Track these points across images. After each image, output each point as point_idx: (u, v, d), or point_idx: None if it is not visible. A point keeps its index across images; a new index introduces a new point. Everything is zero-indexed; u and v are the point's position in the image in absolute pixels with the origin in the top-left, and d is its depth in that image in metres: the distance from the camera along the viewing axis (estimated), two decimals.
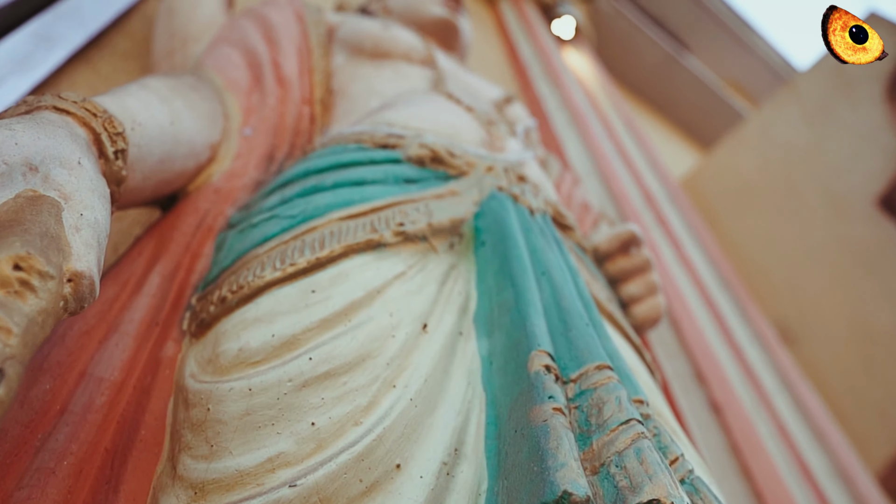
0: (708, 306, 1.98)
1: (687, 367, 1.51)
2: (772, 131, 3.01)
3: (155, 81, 0.80)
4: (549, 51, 3.00)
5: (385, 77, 1.11)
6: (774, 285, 2.87)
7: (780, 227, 2.87)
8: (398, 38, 1.18)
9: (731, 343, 1.88)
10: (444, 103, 1.02)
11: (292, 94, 1.03)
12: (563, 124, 2.51)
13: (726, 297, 2.20)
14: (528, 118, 1.33)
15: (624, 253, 1.00)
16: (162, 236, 0.76)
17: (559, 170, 1.45)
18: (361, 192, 0.74)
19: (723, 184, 3.24)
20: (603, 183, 2.26)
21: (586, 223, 1.37)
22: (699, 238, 2.41)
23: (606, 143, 2.58)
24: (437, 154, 0.84)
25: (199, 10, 1.16)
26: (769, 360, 2.00)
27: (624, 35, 4.16)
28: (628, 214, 2.11)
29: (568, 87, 2.77)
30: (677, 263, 2.11)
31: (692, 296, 1.98)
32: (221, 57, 1.03)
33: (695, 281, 2.06)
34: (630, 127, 2.99)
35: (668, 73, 4.43)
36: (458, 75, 1.26)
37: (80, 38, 1.23)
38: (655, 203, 2.34)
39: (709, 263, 2.31)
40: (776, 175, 2.93)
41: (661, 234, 2.20)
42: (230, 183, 0.85)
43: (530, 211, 0.83)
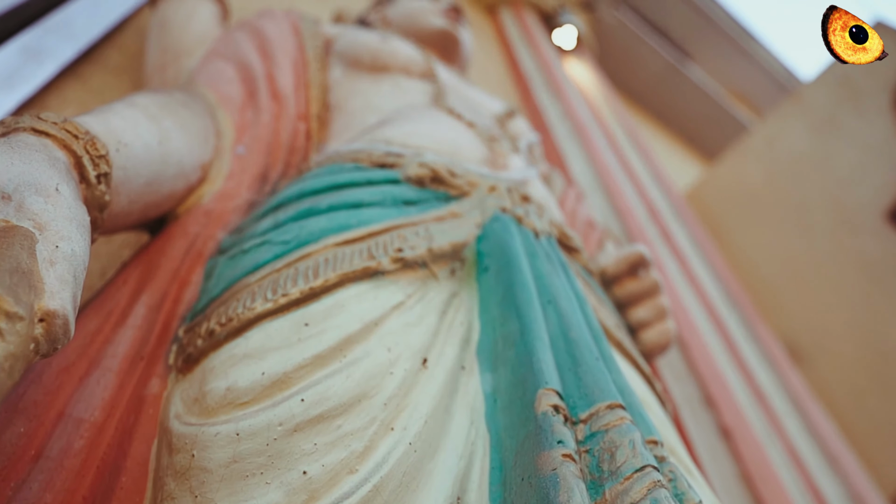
0: (716, 326, 1.95)
1: (695, 390, 1.47)
2: (777, 143, 2.98)
3: (143, 98, 0.77)
4: (550, 61, 2.99)
5: (383, 91, 1.09)
6: (782, 301, 2.83)
7: (787, 241, 2.84)
8: (397, 51, 1.16)
9: (741, 364, 1.85)
10: (444, 119, 0.99)
11: (287, 110, 1.00)
12: (565, 136, 2.49)
13: (734, 316, 2.16)
14: (530, 133, 1.31)
15: (632, 276, 0.97)
16: (149, 263, 0.74)
17: (563, 185, 1.42)
18: (358, 215, 0.72)
19: (728, 197, 3.22)
20: (607, 198, 2.23)
21: (591, 241, 1.34)
22: (705, 254, 2.39)
23: (610, 156, 2.56)
24: (438, 174, 0.81)
25: (192, 23, 1.14)
26: (779, 382, 1.97)
27: (626, 44, 4.15)
28: (633, 230, 2.08)
29: (570, 99, 2.75)
30: (684, 281, 2.08)
31: (699, 315, 1.95)
32: (214, 71, 1.00)
33: (702, 299, 2.03)
34: (633, 139, 2.97)
35: (671, 82, 4.43)
36: (458, 89, 1.24)
37: (71, 52, 1.21)
38: (660, 218, 2.31)
39: (716, 280, 2.29)
40: (782, 187, 2.91)
41: (666, 250, 2.18)
42: (222, 205, 0.82)
43: (535, 233, 0.80)
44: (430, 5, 1.50)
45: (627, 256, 0.96)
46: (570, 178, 2.25)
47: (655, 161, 2.88)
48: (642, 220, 2.25)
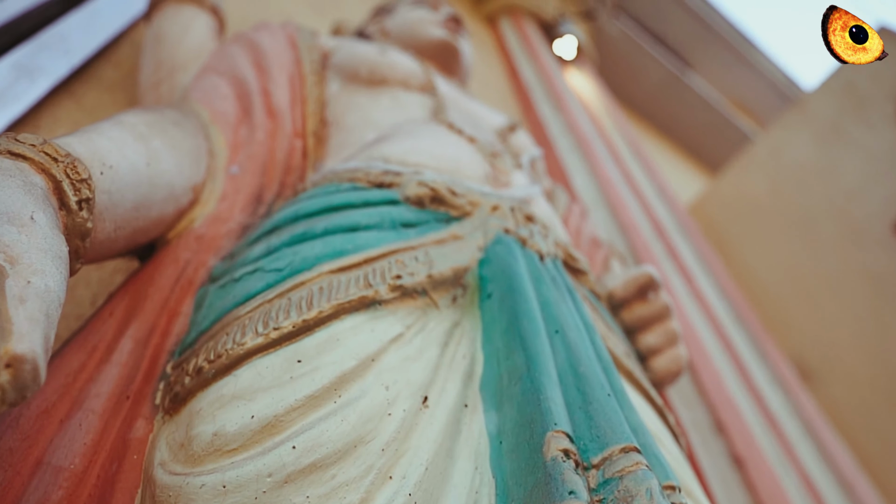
0: (724, 346, 1.91)
1: (706, 416, 1.43)
2: (782, 153, 2.95)
3: (131, 117, 0.74)
4: (551, 72, 2.96)
5: (382, 106, 1.06)
6: (789, 318, 2.79)
7: (794, 254, 2.80)
8: (395, 64, 1.13)
9: (751, 387, 1.80)
10: (444, 134, 0.96)
11: (283, 127, 0.97)
12: (567, 150, 2.46)
13: (743, 336, 2.13)
14: (533, 147, 1.28)
15: (641, 299, 0.93)
16: (137, 293, 0.70)
17: (566, 202, 1.39)
18: (354, 239, 0.68)
19: (732, 209, 3.18)
20: (611, 213, 2.20)
21: (596, 260, 1.31)
22: (712, 271, 2.35)
23: (613, 169, 2.53)
24: (438, 193, 0.78)
25: (187, 38, 1.11)
26: (791, 405, 1.92)
27: (626, 54, 4.14)
28: (638, 247, 2.05)
29: (572, 111, 2.73)
30: (691, 299, 2.04)
31: (707, 335, 1.91)
32: (208, 87, 0.97)
33: (709, 318, 1.99)
34: (636, 151, 2.95)
35: (672, 92, 4.41)
36: (459, 102, 1.21)
37: (64, 69, 1.18)
38: (666, 235, 2.28)
39: (723, 298, 2.25)
40: (788, 199, 2.87)
41: (672, 267, 2.14)
42: (214, 229, 0.79)
43: (540, 256, 0.77)
44: (429, 16, 1.47)
45: (636, 278, 0.93)
46: (573, 192, 2.22)
47: (659, 175, 2.85)
48: (647, 236, 2.21)
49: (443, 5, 1.55)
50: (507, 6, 3.34)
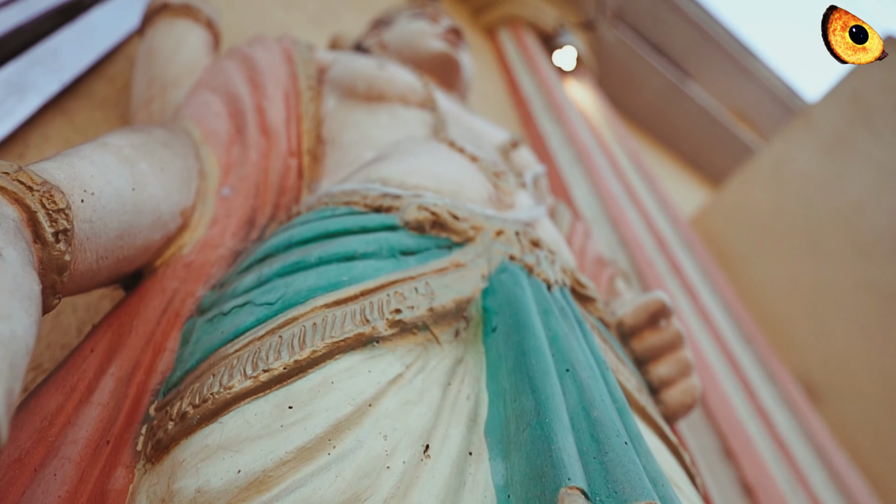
0: (732, 368, 1.87)
1: (714, 442, 1.39)
2: (786, 165, 2.91)
3: (117, 139, 0.70)
4: (551, 83, 2.94)
5: (380, 123, 1.02)
6: (794, 334, 2.74)
7: (800, 269, 2.75)
8: (394, 79, 1.10)
9: (760, 411, 1.76)
10: (445, 153, 0.92)
11: (278, 146, 0.94)
12: (568, 163, 2.43)
13: (749, 356, 2.08)
14: (536, 164, 1.24)
15: (652, 327, 0.89)
16: (120, 326, 0.66)
17: (570, 220, 1.35)
18: (351, 269, 0.64)
19: (735, 222, 3.14)
20: (612, 227, 2.16)
21: (602, 280, 1.27)
22: (717, 288, 2.31)
23: (614, 183, 2.49)
24: (439, 217, 0.74)
25: (180, 53, 1.08)
26: (801, 429, 1.88)
27: (625, 64, 4.11)
28: (641, 263, 2.01)
29: (572, 123, 2.70)
30: (695, 317, 2.00)
31: (714, 356, 1.87)
32: (201, 104, 0.94)
33: (716, 338, 1.95)
34: (637, 163, 2.91)
35: (671, 102, 4.38)
36: (459, 118, 1.17)
37: (56, 85, 1.15)
38: (669, 250, 2.24)
39: (728, 316, 2.21)
40: (793, 212, 2.83)
41: (676, 284, 2.10)
42: (204, 256, 0.75)
43: (547, 285, 0.73)
44: (429, 28, 1.44)
45: (646, 306, 0.89)
46: (574, 206, 2.19)
47: (660, 188, 2.81)
48: (650, 252, 2.18)
49: (442, 17, 1.51)
50: (506, 17, 3.32)
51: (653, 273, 2.05)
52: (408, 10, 1.55)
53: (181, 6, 1.15)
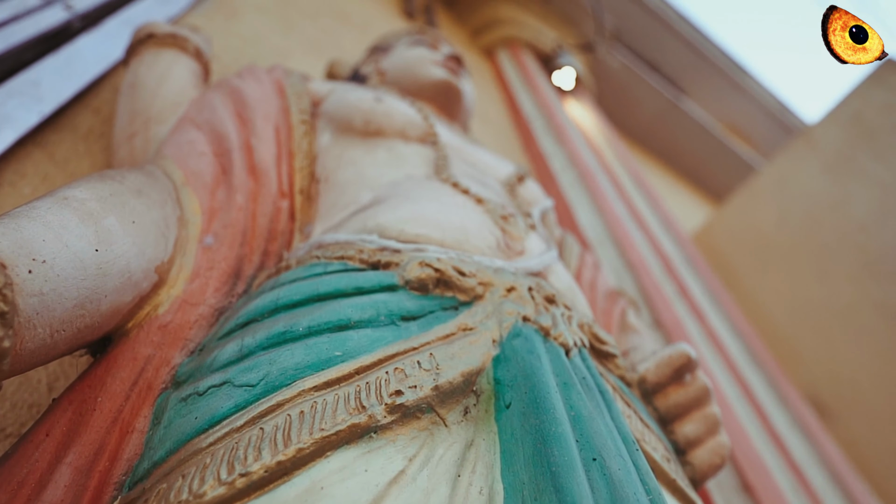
0: (745, 395, 1.77)
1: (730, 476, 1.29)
2: (789, 184, 2.83)
3: (80, 191, 0.61)
4: (551, 104, 2.86)
5: (378, 161, 0.93)
6: (802, 352, 2.65)
7: (805, 287, 2.67)
8: (393, 112, 1.01)
9: (775, 439, 1.66)
10: (448, 196, 0.84)
11: (267, 187, 0.85)
12: (570, 184, 2.35)
13: (761, 381, 1.99)
14: (543, 198, 1.16)
15: (677, 383, 0.80)
16: (83, 403, 0.57)
17: (579, 252, 1.26)
18: (344, 341, 0.55)
19: (738, 239, 3.06)
20: (618, 250, 2.07)
21: (613, 315, 1.18)
22: (725, 309, 2.22)
23: (618, 204, 2.41)
24: (444, 274, 0.65)
25: (165, 85, 0.99)
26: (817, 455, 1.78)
27: (623, 83, 4.04)
28: (648, 287, 1.92)
29: (574, 143, 2.62)
30: (705, 341, 1.91)
31: (727, 383, 1.78)
32: (184, 143, 0.85)
33: (728, 365, 1.86)
34: (639, 183, 2.83)
35: (669, 120, 4.31)
36: (462, 151, 1.09)
37: (35, 117, 1.06)
38: (676, 273, 2.15)
39: (738, 339, 2.11)
40: (797, 231, 2.75)
41: (685, 307, 2.01)
42: (182, 316, 0.66)
43: (565, 349, 0.64)
44: (428, 54, 1.36)
45: (670, 360, 0.79)
46: (578, 230, 2.10)
47: (664, 207, 2.73)
48: (657, 275, 2.08)
49: (442, 43, 1.43)
50: (505, 39, 3.24)
51: (661, 297, 1.96)
52: (406, 37, 1.46)
53: (167, 35, 1.07)
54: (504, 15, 3.23)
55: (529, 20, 3.31)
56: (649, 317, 1.87)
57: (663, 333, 1.83)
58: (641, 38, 4.15)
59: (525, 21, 3.28)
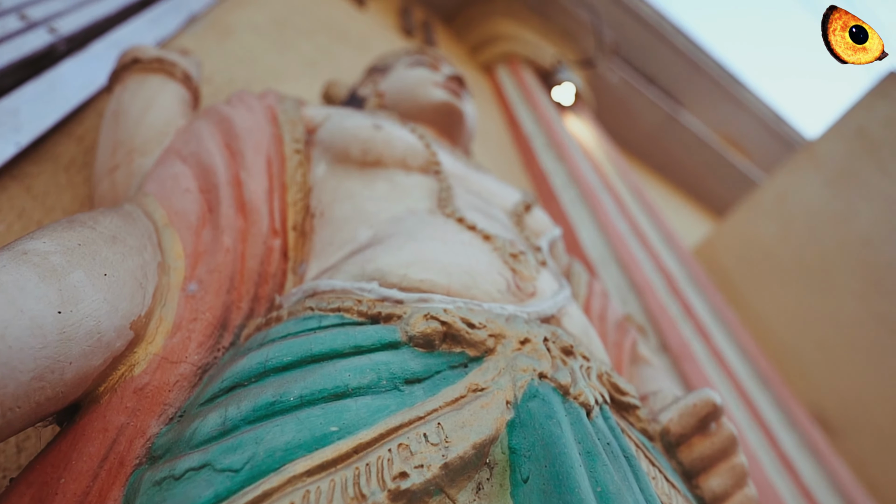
0: (754, 418, 1.70)
1: None
2: (791, 198, 2.77)
3: (44, 242, 0.54)
4: (551, 120, 2.80)
5: (377, 194, 0.86)
6: (806, 368, 2.58)
7: (810, 302, 2.60)
8: (393, 140, 0.94)
9: (785, 462, 1.59)
10: (454, 233, 0.77)
11: (258, 225, 0.78)
12: (572, 203, 2.28)
13: (769, 402, 1.92)
14: (551, 227, 1.09)
15: (702, 433, 0.73)
16: (43, 486, 0.50)
17: (587, 280, 1.19)
18: (341, 413, 0.48)
19: (739, 254, 2.99)
20: (621, 270, 2.01)
21: (624, 347, 1.11)
22: (731, 329, 2.15)
23: (620, 221, 2.34)
24: (452, 328, 0.58)
25: (150, 114, 0.92)
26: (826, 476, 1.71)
27: (622, 97, 3.99)
28: (653, 308, 1.85)
29: (575, 160, 2.55)
30: (712, 363, 1.84)
31: (735, 405, 1.71)
32: (168, 178, 0.78)
33: (735, 386, 1.79)
34: (641, 199, 2.76)
35: (668, 133, 4.26)
36: (466, 179, 1.02)
37: (11, 149, 0.99)
38: (681, 292, 2.08)
39: (743, 358, 2.04)
40: (799, 245, 2.69)
41: (690, 328, 1.94)
42: (161, 376, 0.59)
43: (587, 410, 0.57)
44: (429, 75, 1.30)
45: (695, 410, 0.72)
46: (580, 249, 2.03)
47: (666, 225, 2.66)
48: (662, 295, 2.02)
49: (443, 64, 1.37)
50: (504, 54, 3.19)
51: (667, 319, 1.89)
52: (406, 57, 1.40)
53: (154, 60, 1.00)
54: (503, 31, 3.18)
55: (528, 36, 3.26)
56: (656, 340, 1.80)
57: (670, 357, 1.77)
58: (638, 52, 4.11)
59: (524, 37, 3.23)
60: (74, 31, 1.31)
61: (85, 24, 1.35)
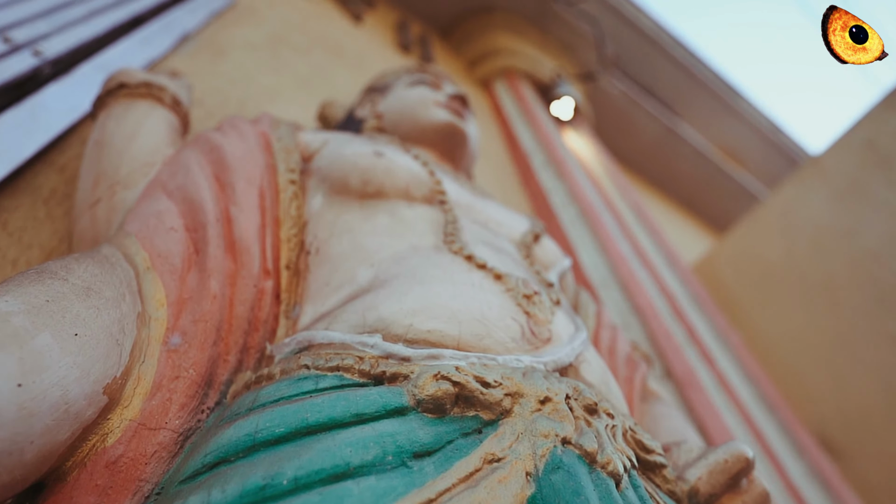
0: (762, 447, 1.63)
1: None
2: (796, 213, 2.72)
3: (8, 300, 0.48)
4: (550, 136, 2.74)
5: (378, 228, 0.80)
6: (810, 388, 2.51)
7: (814, 320, 2.54)
8: (395, 169, 0.87)
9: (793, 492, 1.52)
10: (462, 273, 0.70)
11: (248, 267, 0.71)
12: (571, 222, 2.22)
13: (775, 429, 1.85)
14: (561, 257, 1.03)
15: (733, 490, 0.66)
16: None
17: (594, 312, 1.13)
18: (341, 500, 0.42)
19: (742, 270, 2.93)
20: (623, 293, 1.94)
21: (635, 383, 1.05)
22: (735, 352, 2.08)
23: (622, 241, 2.28)
24: (465, 388, 0.52)
25: (135, 144, 0.86)
26: None
27: (620, 110, 3.95)
28: (658, 334, 1.79)
29: (575, 178, 2.50)
30: (717, 389, 1.78)
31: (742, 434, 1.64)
32: (151, 216, 0.71)
33: (742, 414, 1.72)
34: (642, 217, 2.71)
35: (666, 147, 4.21)
36: (472, 209, 0.96)
37: None
38: (685, 316, 2.02)
39: (748, 383, 1.98)
40: (805, 261, 2.62)
41: (694, 353, 1.87)
42: (137, 446, 0.52)
43: (615, 479, 0.50)
44: (430, 94, 1.24)
45: (726, 467, 0.65)
46: (581, 270, 1.97)
47: (668, 243, 2.60)
48: (665, 318, 1.95)
49: (444, 82, 1.31)
50: (502, 69, 3.14)
51: (671, 344, 1.82)
52: (406, 75, 1.34)
53: (141, 84, 0.94)
54: (501, 45, 3.13)
55: (527, 49, 3.21)
56: (660, 367, 1.73)
57: (674, 384, 1.70)
58: (637, 64, 4.07)
59: (522, 50, 3.18)
60: (61, 53, 1.25)
61: (72, 45, 1.29)
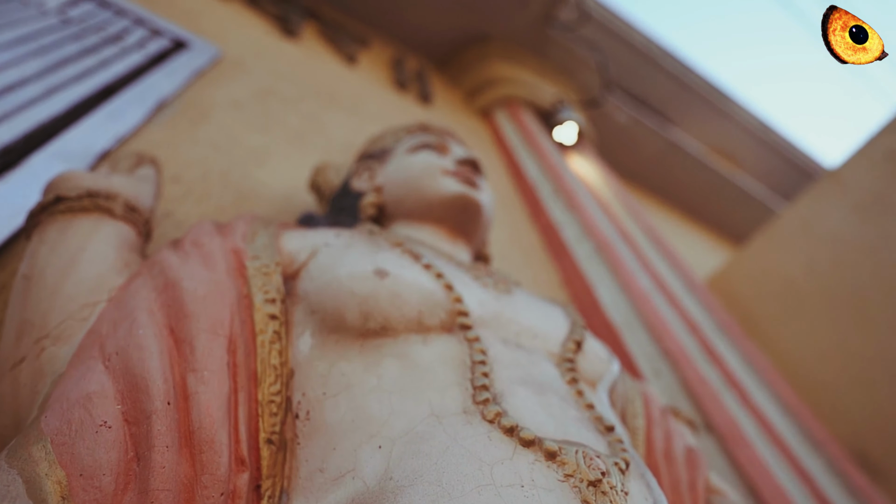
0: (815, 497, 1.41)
1: None
2: (816, 226, 2.49)
3: None
4: (556, 165, 2.52)
5: (385, 382, 0.57)
6: (844, 406, 2.29)
7: (844, 335, 2.31)
8: (403, 293, 0.64)
9: None
10: (505, 465, 0.47)
11: (212, 468, 0.49)
12: (587, 258, 1.99)
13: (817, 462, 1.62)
14: (609, 361, 0.80)
15: None
16: None
17: (642, 408, 0.90)
18: None
19: (759, 286, 2.70)
20: (650, 335, 1.71)
21: (698, 488, 0.84)
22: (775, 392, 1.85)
23: (642, 276, 2.05)
24: None
25: (70, 279, 0.64)
26: None
27: (623, 127, 3.72)
28: (691, 380, 1.56)
29: (586, 208, 2.27)
30: (762, 440, 1.55)
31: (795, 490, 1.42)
32: (77, 406, 0.49)
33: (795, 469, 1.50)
34: (658, 245, 2.47)
35: (669, 159, 3.98)
36: (499, 319, 0.73)
37: None
38: (719, 358, 1.79)
39: (791, 421, 1.75)
40: (828, 275, 2.40)
41: (734, 400, 1.65)
42: None
43: None
44: (436, 161, 1.02)
45: None
46: (602, 311, 1.74)
47: (690, 273, 2.37)
48: (698, 361, 1.72)
49: (451, 144, 1.09)
50: (503, 98, 2.92)
51: (707, 391, 1.60)
52: (407, 137, 1.13)
53: (83, 194, 0.72)
54: (499, 74, 2.91)
55: (526, 76, 2.99)
56: (699, 421, 1.51)
57: (715, 437, 1.48)
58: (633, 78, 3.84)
59: (522, 78, 2.96)
60: (11, 140, 1.03)
61: (26, 129, 1.07)
